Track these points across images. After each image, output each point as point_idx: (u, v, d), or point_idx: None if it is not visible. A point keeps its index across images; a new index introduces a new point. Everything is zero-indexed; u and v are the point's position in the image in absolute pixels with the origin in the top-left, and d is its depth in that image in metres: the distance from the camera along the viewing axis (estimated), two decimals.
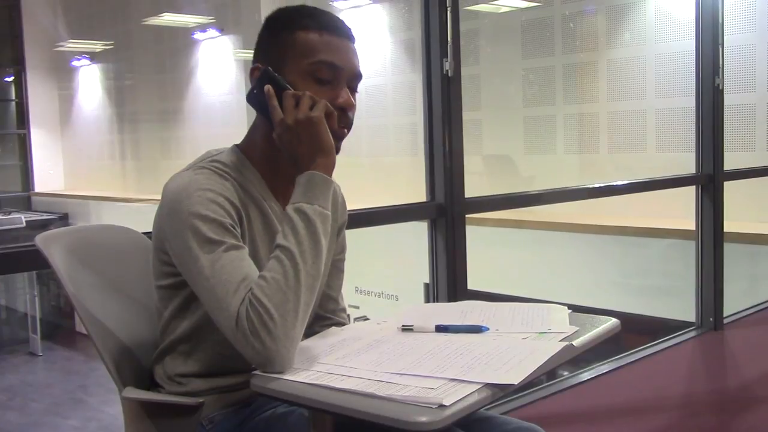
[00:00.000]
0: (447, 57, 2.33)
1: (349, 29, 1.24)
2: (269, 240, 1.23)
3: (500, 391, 0.96)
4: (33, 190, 13.87)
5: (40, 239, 1.24)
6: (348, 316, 1.43)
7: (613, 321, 1.23)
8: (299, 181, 1.14)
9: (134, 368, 1.26)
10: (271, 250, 1.11)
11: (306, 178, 1.14)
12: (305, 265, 1.08)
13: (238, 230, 1.15)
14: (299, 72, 1.19)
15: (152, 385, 1.27)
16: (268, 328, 1.03)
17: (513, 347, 1.08)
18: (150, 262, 1.24)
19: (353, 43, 1.24)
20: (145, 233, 1.44)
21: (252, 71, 1.22)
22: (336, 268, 1.39)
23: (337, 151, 1.20)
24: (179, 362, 1.22)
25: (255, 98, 1.19)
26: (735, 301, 3.88)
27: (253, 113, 1.22)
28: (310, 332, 1.26)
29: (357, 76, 1.23)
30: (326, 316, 1.37)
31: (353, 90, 1.24)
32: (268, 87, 1.17)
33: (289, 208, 1.12)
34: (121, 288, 1.32)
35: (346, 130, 1.23)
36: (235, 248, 1.11)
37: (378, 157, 8.35)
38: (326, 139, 1.15)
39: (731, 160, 3.79)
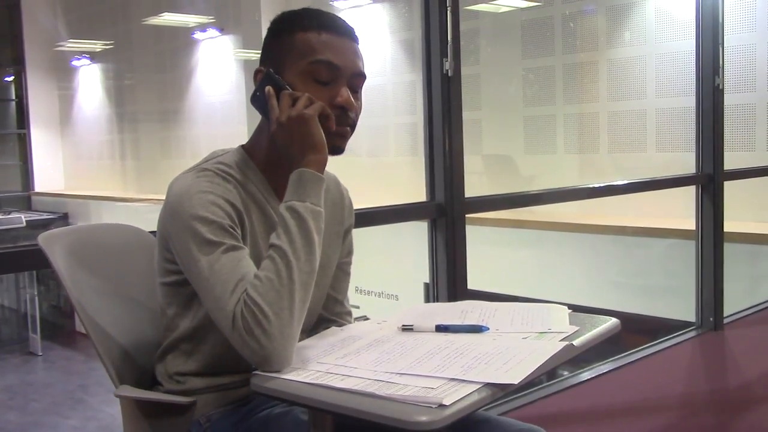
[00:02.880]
0: (447, 57, 2.33)
1: (351, 29, 1.24)
2: None
3: (500, 391, 0.96)
4: (33, 189, 13.84)
5: (43, 239, 1.24)
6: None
7: (613, 321, 1.23)
8: (291, 179, 1.15)
9: (135, 367, 1.26)
10: None
11: (297, 176, 1.14)
12: (298, 262, 1.08)
13: (239, 231, 1.15)
14: (298, 72, 1.20)
15: (154, 383, 1.28)
16: (263, 326, 1.04)
17: (513, 347, 1.08)
18: (154, 259, 1.24)
19: (355, 42, 1.23)
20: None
21: (255, 74, 1.23)
22: (342, 271, 1.38)
23: (342, 150, 1.21)
24: (180, 361, 1.23)
25: (258, 100, 1.20)
26: (735, 301, 3.87)
27: (254, 113, 1.23)
28: (313, 334, 1.26)
29: (359, 76, 1.23)
30: (331, 318, 1.37)
31: (356, 90, 1.23)
32: (268, 88, 1.18)
33: (281, 207, 1.13)
34: (123, 287, 1.33)
35: (348, 129, 1.22)
36: (234, 249, 1.11)
37: (378, 156, 8.34)
38: (317, 135, 1.15)
39: (731, 160, 3.79)
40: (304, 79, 1.19)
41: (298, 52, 1.20)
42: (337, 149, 1.21)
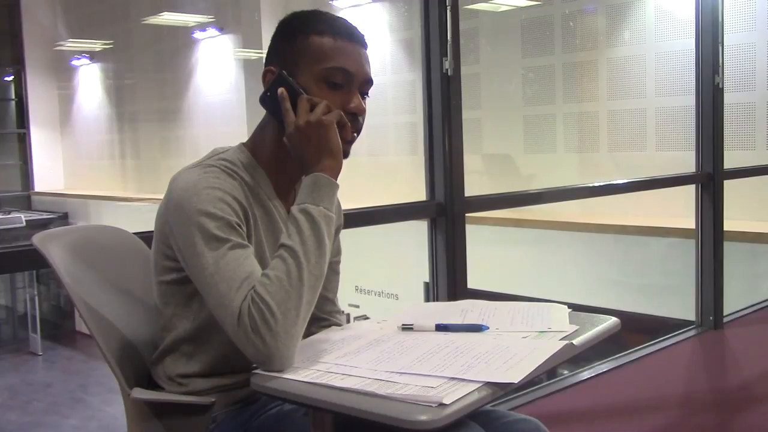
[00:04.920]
0: (447, 56, 2.33)
1: (363, 36, 1.25)
2: (273, 240, 1.23)
3: (500, 390, 0.96)
4: (33, 189, 13.86)
5: (38, 239, 1.24)
6: (348, 315, 1.43)
7: (613, 320, 1.23)
8: (305, 182, 1.15)
9: (134, 367, 1.26)
10: (274, 251, 1.12)
11: (312, 180, 1.14)
12: (308, 264, 1.08)
13: (244, 229, 1.15)
14: (312, 76, 1.20)
15: (150, 384, 1.27)
16: (269, 325, 1.04)
17: (513, 346, 1.08)
18: (150, 259, 1.23)
19: (366, 49, 1.25)
20: (144, 233, 1.44)
21: (265, 74, 1.23)
22: (332, 270, 1.39)
23: (347, 155, 1.21)
24: (181, 363, 1.22)
25: (268, 100, 1.20)
26: (735, 299, 3.87)
27: (254, 113, 1.23)
28: (307, 333, 1.26)
29: (368, 82, 1.25)
30: (323, 317, 1.38)
31: (364, 95, 1.25)
32: (281, 90, 1.18)
33: (294, 209, 1.13)
34: (120, 287, 1.32)
35: (356, 134, 1.24)
36: (240, 247, 1.11)
37: (378, 156, 8.34)
38: (335, 141, 1.16)
39: (731, 159, 3.79)
40: (317, 83, 1.20)
41: (313, 56, 1.20)
42: (345, 154, 1.21)
